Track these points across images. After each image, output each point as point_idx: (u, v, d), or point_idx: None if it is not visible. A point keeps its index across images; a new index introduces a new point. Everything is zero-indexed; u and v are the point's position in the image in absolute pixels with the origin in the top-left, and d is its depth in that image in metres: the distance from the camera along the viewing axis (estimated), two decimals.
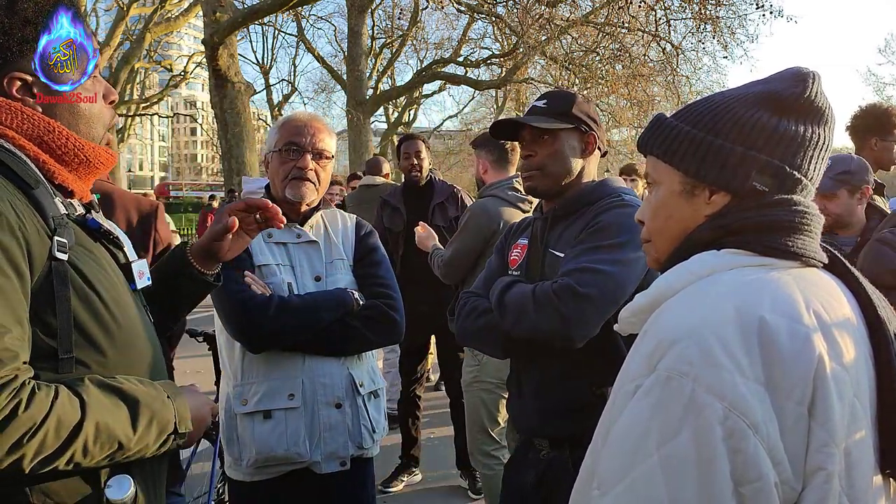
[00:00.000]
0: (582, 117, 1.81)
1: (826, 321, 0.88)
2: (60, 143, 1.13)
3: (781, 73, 1.01)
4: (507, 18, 14.92)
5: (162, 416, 1.12)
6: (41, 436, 0.95)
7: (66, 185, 1.15)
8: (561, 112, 1.80)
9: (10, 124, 1.10)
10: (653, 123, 1.07)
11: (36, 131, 1.11)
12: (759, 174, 0.95)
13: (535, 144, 1.82)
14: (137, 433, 1.07)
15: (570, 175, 1.82)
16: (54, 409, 0.97)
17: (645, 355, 0.88)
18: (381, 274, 2.09)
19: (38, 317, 1.02)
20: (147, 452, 1.11)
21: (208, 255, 1.49)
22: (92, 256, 1.13)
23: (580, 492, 0.94)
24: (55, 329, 1.03)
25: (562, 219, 1.83)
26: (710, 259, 0.95)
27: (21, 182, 1.05)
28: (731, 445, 0.79)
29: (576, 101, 1.83)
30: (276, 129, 2.07)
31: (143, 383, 1.13)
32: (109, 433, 1.03)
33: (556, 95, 1.88)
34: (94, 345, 1.08)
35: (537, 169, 1.81)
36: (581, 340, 1.62)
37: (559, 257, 1.76)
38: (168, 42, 40.07)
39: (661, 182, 1.04)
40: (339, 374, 1.96)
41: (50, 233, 1.05)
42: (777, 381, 0.81)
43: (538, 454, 1.79)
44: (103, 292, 1.10)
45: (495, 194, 3.24)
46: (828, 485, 0.81)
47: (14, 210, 1.00)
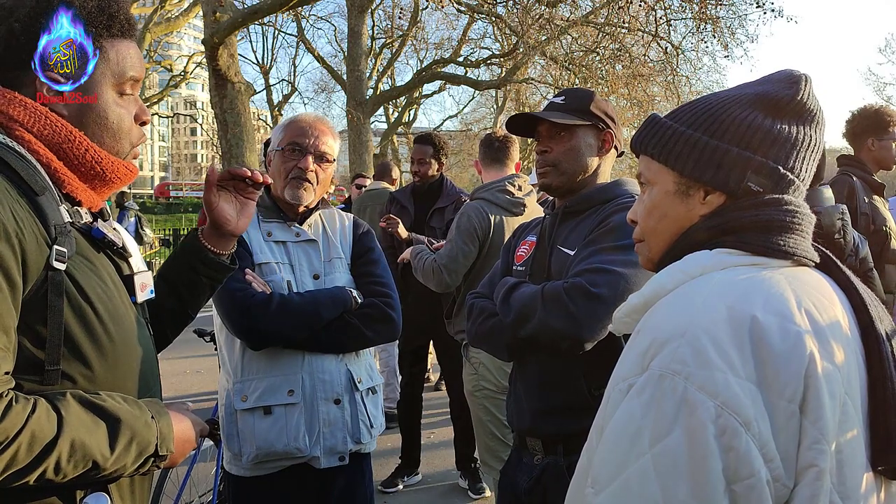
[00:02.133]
0: (600, 115, 1.80)
1: (818, 320, 0.89)
2: (78, 154, 1.12)
3: (774, 75, 1.02)
4: (507, 18, 14.90)
5: (143, 437, 1.09)
6: (13, 450, 0.93)
7: (74, 195, 1.14)
8: (579, 109, 1.80)
9: (31, 128, 1.09)
10: (647, 123, 1.08)
11: (56, 138, 1.10)
12: (754, 174, 0.97)
13: (552, 140, 1.81)
14: (115, 453, 1.04)
15: (586, 172, 1.81)
16: (29, 423, 0.94)
17: (638, 354, 0.89)
18: (378, 272, 2.11)
19: (28, 326, 1.00)
20: (125, 473, 1.08)
21: (219, 232, 1.48)
22: (91, 267, 1.11)
23: (575, 490, 0.95)
24: (44, 339, 1.01)
25: (572, 216, 1.81)
26: (703, 259, 0.96)
27: (26, 188, 1.04)
28: (724, 443, 0.80)
29: (594, 98, 1.83)
30: (281, 128, 2.08)
31: (127, 401, 1.10)
32: (85, 452, 1.00)
33: (574, 93, 1.87)
34: (82, 358, 1.05)
35: (552, 165, 1.80)
36: (591, 341, 1.60)
37: (567, 254, 1.74)
38: (168, 42, 40.06)
39: (654, 182, 1.05)
40: (338, 371, 1.99)
41: (50, 241, 1.04)
42: (769, 380, 0.82)
43: (532, 458, 1.78)
44: (98, 305, 1.08)
45: (484, 197, 3.23)
46: (819, 482, 0.82)
47: (13, 217, 0.99)
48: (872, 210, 3.44)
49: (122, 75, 1.18)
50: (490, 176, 3.34)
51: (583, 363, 1.66)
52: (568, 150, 1.79)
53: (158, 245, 11.94)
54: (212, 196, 1.47)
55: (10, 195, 1.01)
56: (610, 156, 1.86)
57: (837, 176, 3.55)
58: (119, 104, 1.19)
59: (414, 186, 4.21)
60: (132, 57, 1.20)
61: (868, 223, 3.40)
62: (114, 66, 1.17)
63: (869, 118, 3.55)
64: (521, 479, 1.79)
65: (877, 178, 3.58)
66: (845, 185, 3.45)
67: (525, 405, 1.79)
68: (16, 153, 1.07)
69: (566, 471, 1.66)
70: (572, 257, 1.73)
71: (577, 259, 1.69)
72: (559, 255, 1.77)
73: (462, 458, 4.06)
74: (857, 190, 3.43)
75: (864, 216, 3.41)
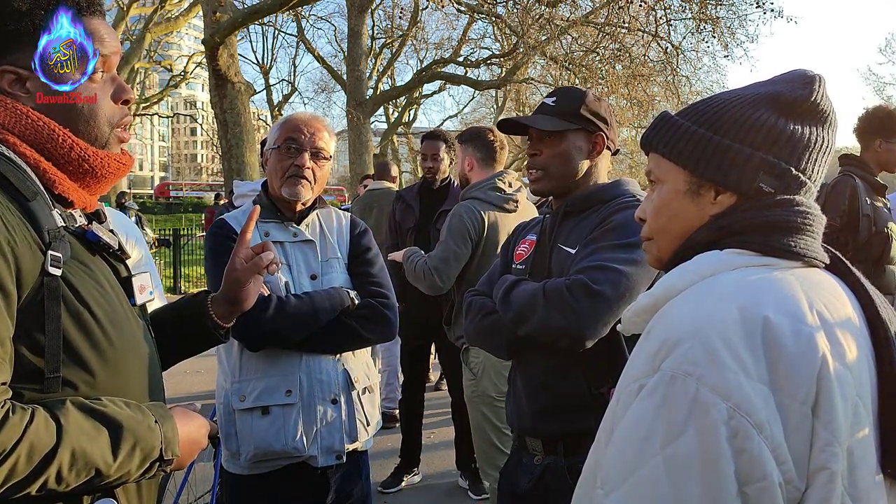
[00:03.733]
0: (590, 117, 1.78)
1: (829, 321, 0.88)
2: (63, 152, 1.09)
3: (787, 75, 1.01)
4: (507, 18, 14.89)
5: (146, 442, 1.06)
6: (11, 461, 0.91)
7: (67, 196, 1.10)
8: (568, 112, 1.77)
9: (13, 129, 1.06)
10: (658, 121, 1.07)
11: (38, 137, 1.07)
12: (765, 175, 0.96)
13: (541, 143, 1.80)
14: (118, 460, 1.02)
15: (576, 175, 1.79)
16: (27, 434, 0.92)
17: (649, 355, 0.88)
18: (375, 273, 2.11)
19: (26, 334, 0.97)
20: (129, 479, 1.06)
21: (231, 302, 1.47)
22: (88, 271, 1.08)
23: (583, 492, 0.94)
24: (43, 347, 0.99)
25: (572, 215, 1.80)
26: (714, 259, 0.95)
27: (16, 193, 1.02)
28: (736, 445, 0.79)
29: (585, 100, 1.79)
30: (277, 126, 2.09)
31: (130, 406, 1.07)
32: (87, 460, 0.98)
33: (566, 94, 1.85)
34: (83, 365, 1.03)
35: (541, 169, 1.80)
36: (592, 339, 1.59)
37: (569, 253, 1.73)
38: (168, 42, 40.07)
39: (664, 180, 1.04)
40: (335, 371, 2.00)
41: (44, 247, 1.01)
42: (781, 381, 0.81)
43: (532, 459, 1.77)
44: (97, 309, 1.06)
45: (476, 196, 3.21)
46: (831, 484, 0.81)
47: (5, 225, 0.96)
48: (874, 211, 3.43)
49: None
50: (480, 175, 3.32)
51: (583, 362, 1.65)
52: (556, 154, 1.77)
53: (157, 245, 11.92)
54: (248, 276, 1.47)
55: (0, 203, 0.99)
56: (603, 157, 1.83)
57: (840, 176, 3.54)
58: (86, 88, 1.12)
59: (422, 185, 4.16)
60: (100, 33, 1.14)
61: (870, 225, 3.40)
62: None
63: (881, 119, 3.54)
64: (522, 480, 1.78)
65: (879, 179, 3.58)
66: (847, 185, 3.44)
67: (524, 405, 1.78)
68: (5, 157, 1.04)
69: (567, 471, 1.65)
70: (573, 255, 1.72)
71: (579, 257, 1.69)
72: (560, 253, 1.76)
73: (462, 458, 4.05)
74: (860, 191, 3.42)
75: (865, 218, 3.40)
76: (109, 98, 1.18)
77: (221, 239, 2.01)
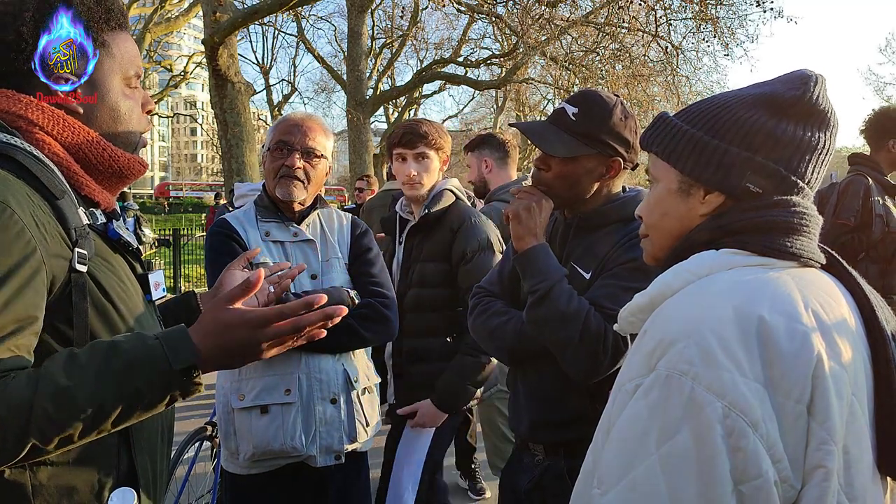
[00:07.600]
0: (611, 141, 1.61)
1: (824, 321, 0.88)
2: (97, 154, 1.13)
3: (786, 75, 1.01)
4: (507, 18, 14.89)
5: (142, 356, 0.96)
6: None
7: (92, 197, 1.14)
8: (587, 134, 1.60)
9: (52, 131, 1.09)
10: (655, 121, 1.08)
11: (76, 140, 1.11)
12: (754, 175, 0.96)
13: (551, 158, 1.65)
14: (113, 385, 0.94)
15: (584, 195, 1.67)
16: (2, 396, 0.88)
17: (645, 354, 0.88)
18: (375, 273, 2.12)
19: (53, 326, 1.00)
20: (154, 402, 0.97)
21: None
22: (110, 267, 1.12)
23: (581, 491, 0.94)
24: (71, 340, 1.02)
25: (584, 231, 1.69)
26: (709, 259, 0.96)
27: (46, 192, 1.05)
28: (732, 444, 0.79)
29: (611, 121, 1.60)
30: (272, 127, 2.12)
31: (127, 336, 1.01)
32: (72, 396, 0.91)
33: (590, 110, 1.61)
34: None
35: (547, 186, 1.66)
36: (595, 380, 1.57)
37: (583, 277, 1.64)
38: (168, 42, 40.05)
39: (660, 179, 1.06)
40: (335, 371, 2.01)
41: (71, 244, 1.04)
42: (776, 380, 0.82)
43: (533, 459, 1.77)
44: (119, 304, 1.09)
45: (504, 199, 3.20)
46: (826, 483, 0.82)
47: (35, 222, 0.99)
48: (886, 212, 3.43)
49: (128, 68, 1.19)
50: (499, 174, 3.35)
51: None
52: (564, 175, 1.63)
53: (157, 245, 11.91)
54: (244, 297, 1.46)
55: (31, 201, 1.01)
56: (618, 178, 1.69)
57: (852, 176, 3.54)
58: (128, 96, 1.20)
59: None
60: (132, 48, 1.21)
61: (883, 225, 3.40)
62: (119, 60, 1.17)
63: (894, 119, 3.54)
64: (522, 479, 1.79)
65: (890, 179, 3.58)
66: (861, 185, 3.44)
67: (525, 415, 1.77)
68: (34, 158, 1.07)
69: (566, 473, 1.65)
70: (589, 282, 1.63)
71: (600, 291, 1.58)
72: (574, 273, 1.66)
73: (462, 458, 4.05)
74: (873, 191, 3.43)
75: (878, 218, 3.41)
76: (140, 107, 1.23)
77: (222, 238, 2.02)
